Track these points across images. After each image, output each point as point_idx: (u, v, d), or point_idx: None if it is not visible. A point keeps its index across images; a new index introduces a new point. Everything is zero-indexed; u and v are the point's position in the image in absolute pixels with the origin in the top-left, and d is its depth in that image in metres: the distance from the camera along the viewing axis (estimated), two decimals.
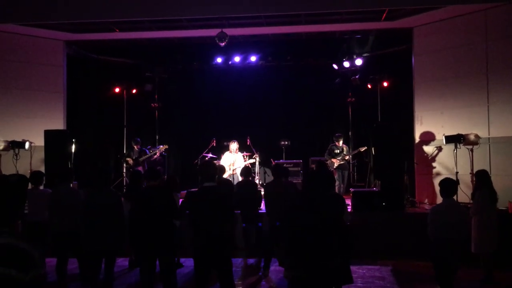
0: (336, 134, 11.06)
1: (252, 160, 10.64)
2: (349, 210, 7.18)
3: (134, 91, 12.96)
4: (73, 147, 9.65)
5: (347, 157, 10.80)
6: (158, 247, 4.97)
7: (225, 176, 8.94)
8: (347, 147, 10.99)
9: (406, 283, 6.42)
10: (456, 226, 4.91)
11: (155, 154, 10.99)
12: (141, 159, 10.69)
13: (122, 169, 11.47)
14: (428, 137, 10.07)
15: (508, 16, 8.93)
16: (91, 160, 11.03)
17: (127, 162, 10.95)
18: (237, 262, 7.39)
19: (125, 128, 12.81)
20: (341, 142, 10.86)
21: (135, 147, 10.94)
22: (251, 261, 7.60)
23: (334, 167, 10.54)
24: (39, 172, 7.01)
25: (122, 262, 7.18)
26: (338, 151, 10.74)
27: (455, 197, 5.40)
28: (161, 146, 11.17)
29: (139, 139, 11.08)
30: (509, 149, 8.83)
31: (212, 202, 4.48)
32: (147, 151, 10.97)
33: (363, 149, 10.72)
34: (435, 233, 5.00)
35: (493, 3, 8.91)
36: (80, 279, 6.18)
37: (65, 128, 10.91)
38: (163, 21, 10.12)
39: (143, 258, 5.15)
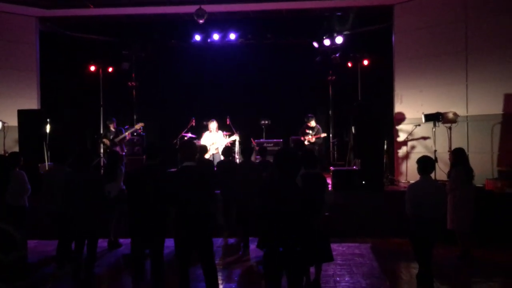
0: (308, 115, 10.97)
1: (233, 138, 10.40)
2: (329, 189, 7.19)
3: (110, 69, 12.63)
4: (48, 127, 9.38)
5: (312, 139, 10.80)
6: (153, 228, 4.91)
7: (206, 156, 8.83)
8: (319, 127, 10.90)
9: (385, 260, 6.52)
10: (433, 203, 4.96)
11: (129, 133, 10.52)
12: (116, 139, 10.28)
13: (99, 150, 11.23)
14: (407, 115, 10.13)
15: None
16: (67, 141, 10.75)
17: (104, 143, 10.56)
18: (218, 242, 7.40)
19: (101, 108, 12.54)
20: (313, 123, 10.83)
21: (111, 126, 10.51)
22: (231, 241, 7.62)
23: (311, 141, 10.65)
24: (16, 153, 6.83)
25: (101, 243, 7.09)
26: (311, 131, 10.77)
27: (432, 175, 5.42)
28: (137, 125, 10.66)
29: (114, 119, 10.69)
30: (486, 127, 8.96)
31: (192, 182, 4.40)
32: (123, 130, 10.53)
33: (323, 135, 10.93)
34: (413, 211, 5.05)
35: None
36: (56, 260, 6.10)
37: (39, 107, 10.63)
38: None
39: (137, 239, 5.11)
